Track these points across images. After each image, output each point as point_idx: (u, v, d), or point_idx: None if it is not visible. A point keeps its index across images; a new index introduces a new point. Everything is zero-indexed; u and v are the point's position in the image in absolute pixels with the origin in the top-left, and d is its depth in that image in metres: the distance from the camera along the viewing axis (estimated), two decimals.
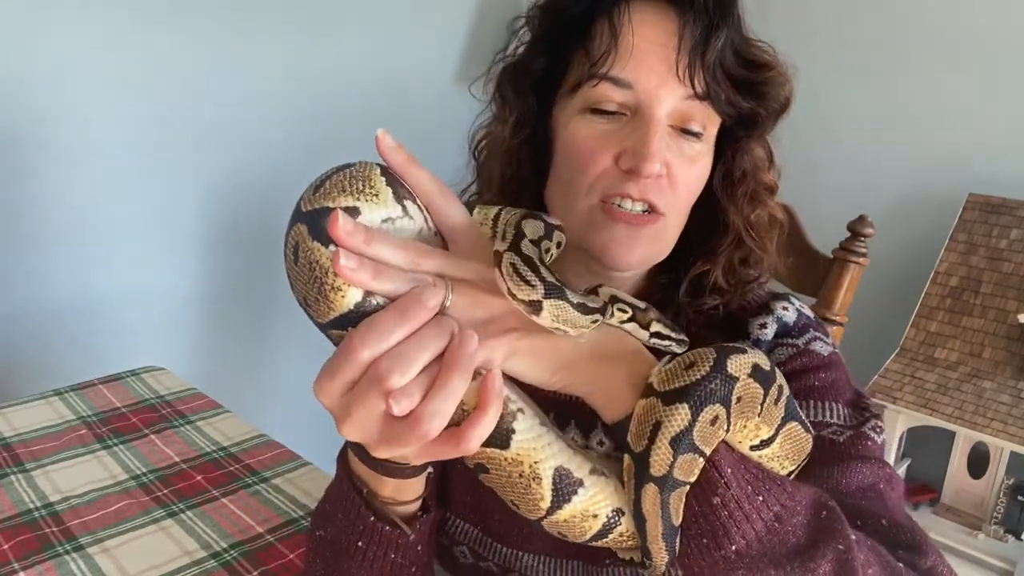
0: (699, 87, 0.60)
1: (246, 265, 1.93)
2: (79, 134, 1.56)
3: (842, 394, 0.64)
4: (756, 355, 0.43)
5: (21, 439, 1.06)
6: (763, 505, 0.42)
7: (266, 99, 1.84)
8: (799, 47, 2.20)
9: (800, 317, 0.68)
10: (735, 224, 0.67)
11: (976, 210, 1.72)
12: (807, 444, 0.46)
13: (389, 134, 0.45)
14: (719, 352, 0.42)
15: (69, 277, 1.62)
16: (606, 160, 0.61)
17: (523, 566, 0.69)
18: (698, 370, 0.41)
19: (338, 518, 0.56)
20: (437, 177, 0.46)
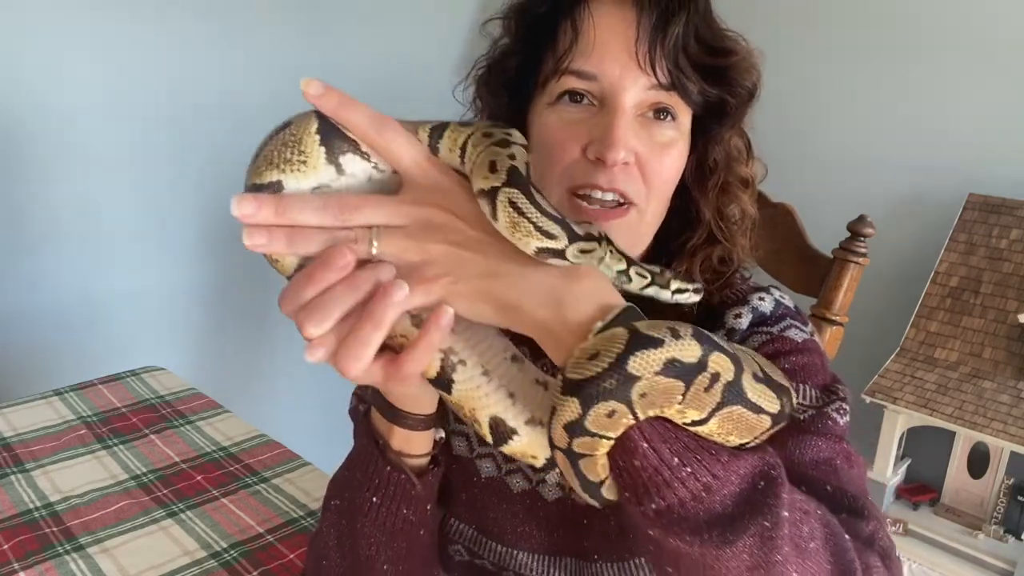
0: (663, 76, 0.61)
1: (246, 265, 1.93)
2: (79, 134, 1.56)
3: (813, 377, 0.64)
4: (677, 347, 0.39)
5: (21, 439, 1.06)
6: (690, 476, 0.41)
7: (266, 99, 1.84)
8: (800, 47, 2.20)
9: (777, 307, 0.69)
10: (706, 217, 0.68)
11: (976, 210, 1.72)
12: (760, 424, 0.43)
13: (315, 80, 0.43)
14: (627, 345, 0.39)
15: (69, 277, 1.62)
16: (575, 150, 0.62)
17: (517, 564, 0.70)
18: (598, 364, 0.39)
19: (356, 477, 0.59)
20: (377, 113, 0.44)
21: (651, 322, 0.41)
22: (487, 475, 0.70)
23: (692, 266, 0.68)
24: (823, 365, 0.66)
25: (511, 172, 0.42)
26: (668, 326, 0.40)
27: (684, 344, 0.40)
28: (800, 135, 2.06)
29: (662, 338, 0.39)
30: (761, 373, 0.43)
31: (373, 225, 0.44)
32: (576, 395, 0.40)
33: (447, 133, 0.46)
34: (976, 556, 1.54)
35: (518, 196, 0.42)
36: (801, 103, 2.05)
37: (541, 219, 0.42)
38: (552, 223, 0.42)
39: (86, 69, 1.54)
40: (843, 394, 0.64)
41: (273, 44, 1.81)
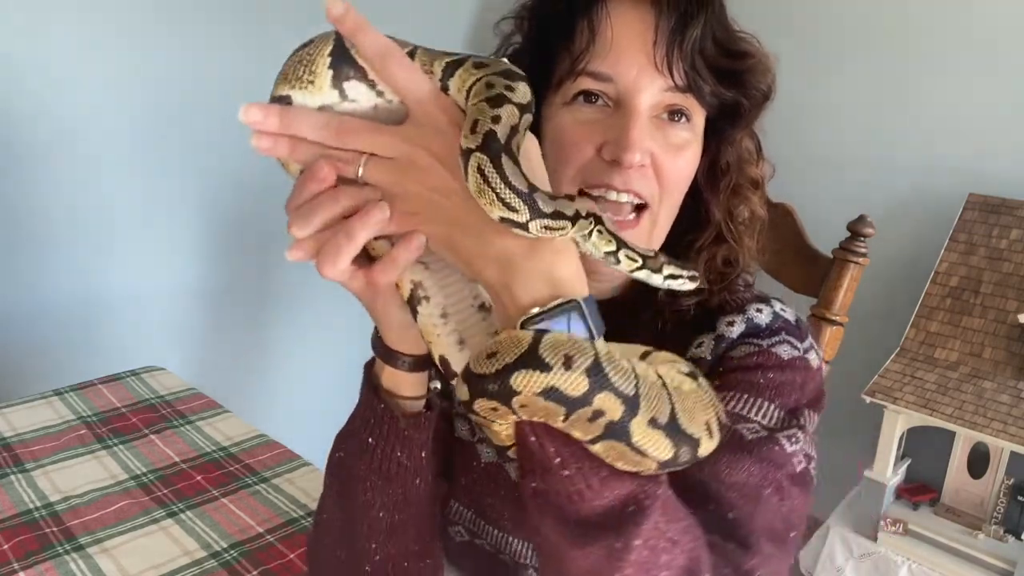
0: (679, 78, 0.61)
1: (246, 265, 1.93)
2: (78, 135, 1.56)
3: (782, 397, 0.63)
4: (562, 378, 0.40)
5: (21, 439, 1.06)
6: (567, 479, 0.43)
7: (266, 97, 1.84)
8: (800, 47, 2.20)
9: (775, 320, 0.67)
10: (715, 218, 0.68)
11: (976, 210, 1.72)
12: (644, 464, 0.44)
13: (340, 1, 0.46)
14: (516, 360, 0.41)
15: (69, 277, 1.62)
16: (589, 150, 0.62)
17: (512, 551, 0.70)
18: (490, 365, 0.41)
19: (355, 423, 0.61)
20: (391, 43, 0.45)
21: (565, 340, 0.42)
22: (487, 460, 0.71)
23: (697, 265, 0.68)
24: (804, 385, 0.64)
25: (487, 136, 0.42)
26: (570, 353, 0.41)
27: (571, 377, 0.40)
28: (800, 135, 2.06)
29: (551, 364, 0.40)
30: (667, 419, 0.43)
31: (364, 152, 0.46)
32: (467, 383, 0.43)
33: (459, 72, 0.46)
34: (976, 556, 1.54)
35: (486, 163, 0.42)
36: (801, 103, 2.05)
37: (504, 191, 0.42)
38: (515, 196, 0.42)
39: (86, 69, 1.54)
40: (804, 422, 0.63)
41: (275, 45, 1.81)
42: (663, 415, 0.43)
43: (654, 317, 0.68)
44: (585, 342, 0.42)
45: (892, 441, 1.62)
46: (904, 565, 1.61)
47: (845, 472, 1.87)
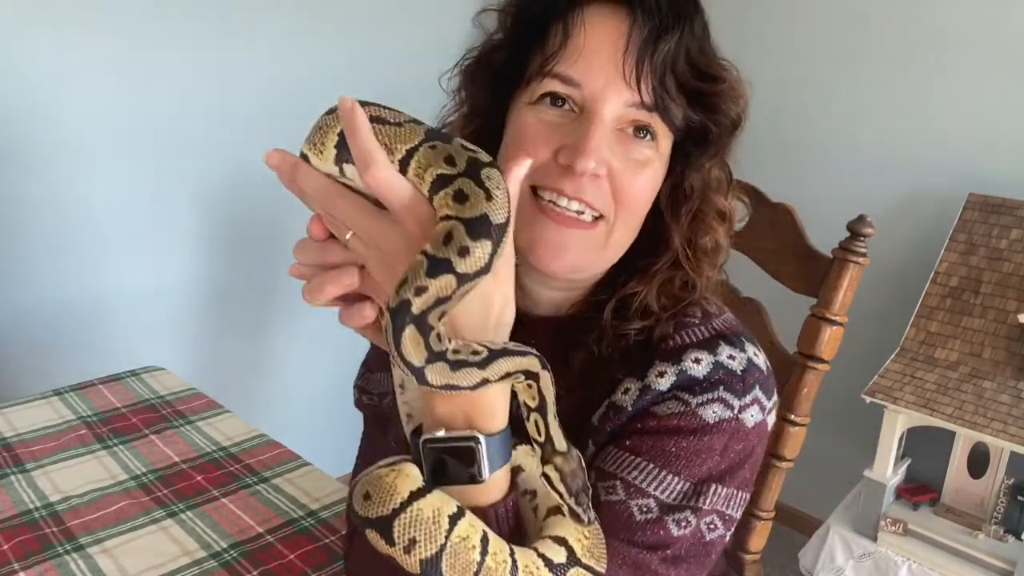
0: (646, 95, 0.59)
1: (246, 265, 1.93)
2: (77, 135, 1.56)
3: (692, 467, 0.60)
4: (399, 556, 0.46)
5: (21, 439, 1.06)
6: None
7: (265, 99, 1.84)
8: (799, 47, 2.20)
9: (714, 372, 0.62)
10: (674, 244, 0.65)
11: (976, 210, 1.72)
12: None
13: (348, 99, 0.47)
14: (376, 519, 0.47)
15: (69, 277, 1.63)
16: (545, 152, 0.60)
17: None
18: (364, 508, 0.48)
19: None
20: (374, 149, 0.46)
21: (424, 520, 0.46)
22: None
23: (650, 289, 0.65)
24: (725, 450, 0.61)
25: (400, 305, 0.44)
26: (416, 538, 0.46)
27: (407, 559, 0.46)
28: (800, 135, 2.06)
29: (396, 541, 0.46)
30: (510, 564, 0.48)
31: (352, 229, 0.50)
32: (354, 514, 0.48)
33: (439, 195, 0.47)
34: (976, 556, 1.54)
35: (389, 328, 0.45)
36: (801, 103, 2.05)
37: (397, 359, 0.45)
38: (404, 366, 0.45)
39: (85, 69, 1.54)
40: (703, 502, 0.60)
41: (275, 45, 1.81)
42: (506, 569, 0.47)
43: (597, 339, 0.65)
44: (443, 525, 0.46)
45: (892, 441, 1.62)
46: (904, 565, 1.61)
47: (845, 472, 1.87)
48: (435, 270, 0.44)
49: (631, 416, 0.62)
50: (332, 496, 0.96)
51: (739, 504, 0.63)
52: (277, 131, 1.91)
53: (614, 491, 0.59)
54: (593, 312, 0.66)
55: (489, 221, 0.45)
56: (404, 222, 0.47)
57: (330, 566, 0.83)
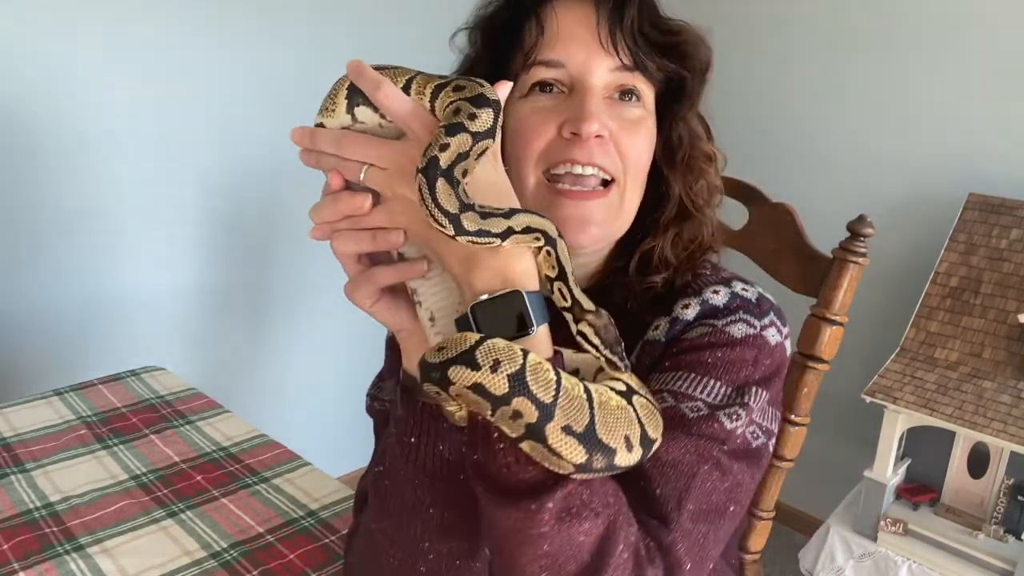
0: (625, 57, 0.67)
1: (246, 265, 1.93)
2: (77, 136, 1.56)
3: (730, 374, 0.66)
4: (488, 377, 0.48)
5: (21, 439, 1.06)
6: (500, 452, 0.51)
7: (266, 99, 1.84)
8: (799, 47, 2.19)
9: (732, 300, 0.70)
10: (675, 191, 0.72)
11: (976, 210, 1.72)
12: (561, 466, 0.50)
13: (354, 60, 0.56)
14: (456, 356, 0.49)
15: (69, 278, 1.63)
16: (550, 131, 0.67)
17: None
18: (438, 356, 0.49)
19: (393, 433, 0.64)
20: (381, 77, 0.55)
21: (501, 347, 0.49)
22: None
23: (665, 240, 0.72)
24: (756, 361, 0.67)
25: (429, 161, 0.51)
26: (499, 358, 0.48)
27: (495, 378, 0.48)
28: (800, 135, 2.06)
29: (481, 365, 0.48)
30: (582, 429, 0.49)
31: (363, 161, 0.56)
32: (419, 368, 0.51)
33: (442, 94, 0.56)
34: (976, 556, 1.54)
35: (423, 184, 0.51)
36: (801, 103, 2.05)
37: (434, 209, 0.51)
38: (441, 215, 0.51)
39: (86, 72, 1.54)
40: (749, 399, 0.65)
41: (275, 45, 1.81)
42: (579, 424, 0.49)
43: (624, 297, 0.72)
44: (518, 352, 0.49)
45: (892, 441, 1.62)
46: (904, 565, 1.61)
47: (845, 472, 1.87)
48: (452, 131, 0.51)
49: (665, 345, 0.69)
50: (332, 496, 0.96)
51: (774, 418, 0.69)
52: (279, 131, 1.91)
53: (663, 401, 0.64)
54: (616, 276, 0.73)
55: (487, 96, 0.54)
56: (413, 131, 0.54)
57: (330, 566, 0.83)
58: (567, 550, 0.51)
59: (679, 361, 0.67)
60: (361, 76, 0.55)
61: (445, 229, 0.51)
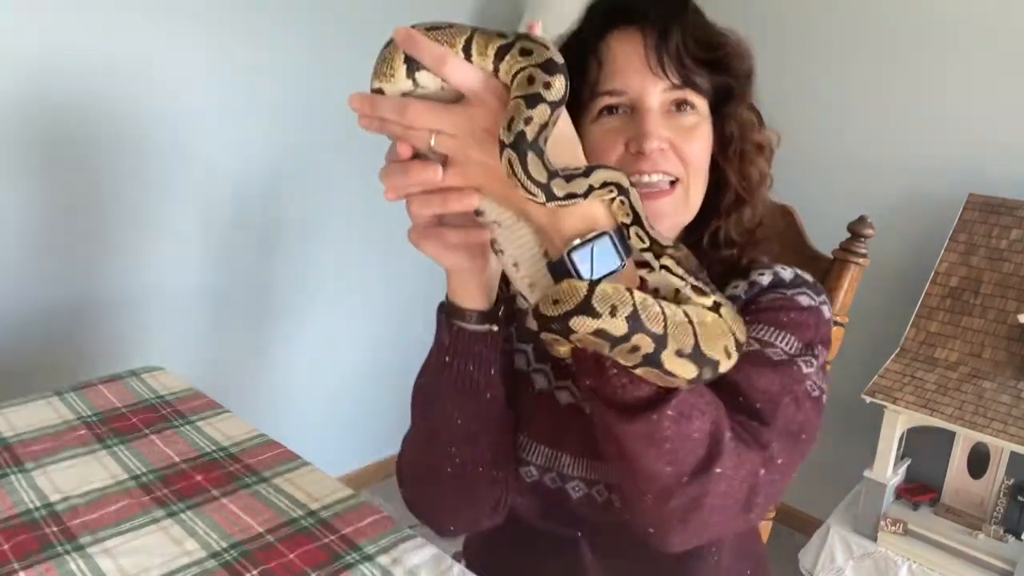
0: (674, 77, 0.76)
1: (247, 265, 1.93)
2: (76, 134, 1.56)
3: (800, 332, 0.78)
4: (608, 323, 0.55)
5: (21, 439, 1.06)
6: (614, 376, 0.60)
7: (267, 99, 1.84)
8: (800, 47, 2.19)
9: (797, 278, 0.84)
10: (731, 180, 0.82)
11: (976, 210, 1.72)
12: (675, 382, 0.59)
13: (401, 28, 0.58)
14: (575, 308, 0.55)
15: (69, 277, 1.63)
16: (619, 148, 0.76)
17: (560, 464, 0.86)
18: (555, 309, 0.56)
19: (434, 351, 0.76)
20: (441, 48, 0.56)
21: (611, 293, 0.55)
22: (539, 388, 0.87)
23: (728, 222, 0.83)
24: (816, 326, 0.79)
25: (517, 136, 0.54)
26: (615, 303, 0.55)
27: (615, 322, 0.55)
28: (800, 135, 2.06)
29: (601, 313, 0.55)
30: (690, 349, 0.57)
31: (429, 128, 0.58)
32: (537, 319, 0.57)
33: (507, 57, 0.57)
34: (976, 556, 1.54)
35: (514, 159, 0.54)
36: (801, 103, 2.05)
37: (526, 181, 0.55)
38: (533, 185, 0.55)
39: (84, 69, 1.54)
40: (817, 353, 0.78)
41: (276, 45, 1.81)
42: (687, 346, 0.57)
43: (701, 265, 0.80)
44: (626, 293, 0.56)
45: (892, 441, 1.62)
46: (904, 565, 1.61)
47: (845, 472, 1.87)
48: (532, 103, 0.55)
49: (745, 302, 0.81)
50: (332, 496, 0.96)
51: (826, 381, 0.79)
52: (279, 131, 1.92)
53: (749, 346, 0.73)
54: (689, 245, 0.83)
55: (555, 62, 0.56)
56: (484, 99, 0.57)
57: (330, 566, 0.83)
58: (685, 445, 0.62)
59: (759, 317, 0.77)
60: (417, 47, 0.57)
61: (536, 198, 0.56)
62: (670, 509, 0.64)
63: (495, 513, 0.85)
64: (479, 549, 1.00)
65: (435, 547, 0.86)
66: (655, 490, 0.64)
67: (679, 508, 0.64)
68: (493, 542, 0.95)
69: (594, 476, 0.85)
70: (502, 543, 0.93)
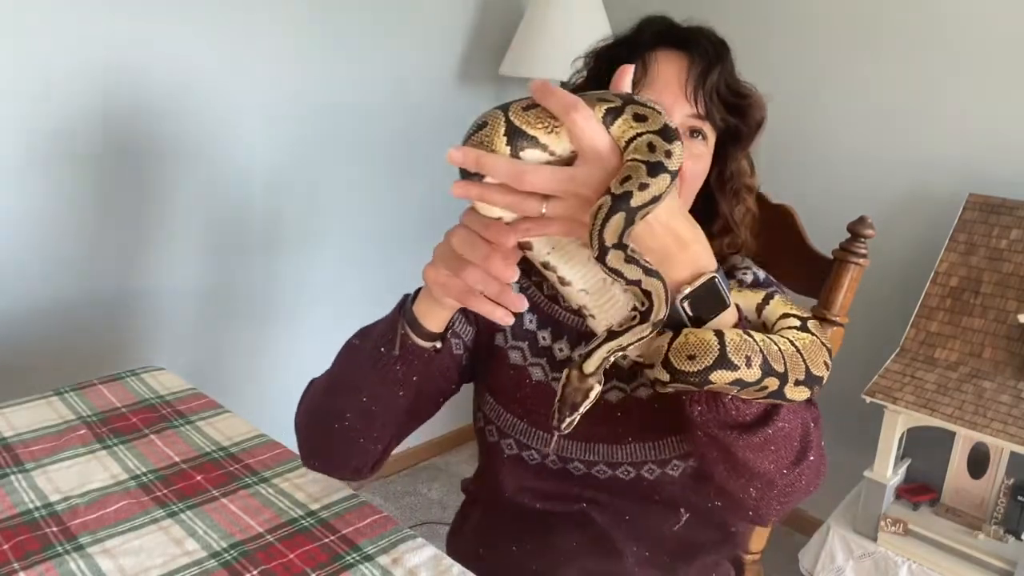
0: (700, 108, 0.84)
1: (247, 265, 1.93)
2: (76, 134, 1.56)
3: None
4: (746, 372, 0.61)
5: (21, 439, 1.06)
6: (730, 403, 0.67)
7: (267, 100, 1.84)
8: (798, 46, 2.19)
9: (767, 278, 0.94)
10: (723, 211, 0.92)
11: (976, 210, 1.72)
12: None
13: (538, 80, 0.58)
14: (713, 363, 0.60)
15: (69, 277, 1.63)
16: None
17: (559, 447, 0.92)
18: (692, 365, 0.61)
19: (379, 330, 0.81)
20: (571, 98, 0.56)
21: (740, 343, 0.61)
22: (536, 379, 0.92)
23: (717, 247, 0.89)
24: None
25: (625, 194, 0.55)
26: (748, 355, 0.61)
27: (750, 371, 0.61)
28: (800, 135, 2.06)
29: (738, 365, 0.60)
30: (803, 376, 0.64)
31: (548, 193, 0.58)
32: (670, 373, 0.62)
33: (619, 121, 0.58)
34: (976, 556, 1.54)
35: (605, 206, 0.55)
36: (801, 103, 2.05)
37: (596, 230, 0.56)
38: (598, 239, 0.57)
39: (84, 68, 1.54)
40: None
41: (276, 46, 1.81)
42: (802, 375, 0.64)
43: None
44: (751, 341, 0.62)
45: (892, 441, 1.62)
46: (904, 565, 1.61)
47: (845, 472, 1.87)
48: (654, 171, 0.56)
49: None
50: (332, 496, 0.96)
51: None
52: (280, 131, 1.92)
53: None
54: None
55: (670, 128, 0.58)
56: (608, 159, 0.57)
57: (330, 566, 0.83)
58: (786, 443, 0.71)
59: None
60: (551, 97, 0.57)
61: (591, 247, 0.57)
62: (772, 495, 0.75)
63: (363, 471, 0.91)
64: (482, 535, 1.04)
65: (435, 547, 0.86)
66: (760, 484, 0.73)
67: (779, 493, 0.74)
68: (495, 527, 1.01)
69: (594, 457, 0.91)
70: (506, 527, 0.99)
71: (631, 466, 0.90)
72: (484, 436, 1.00)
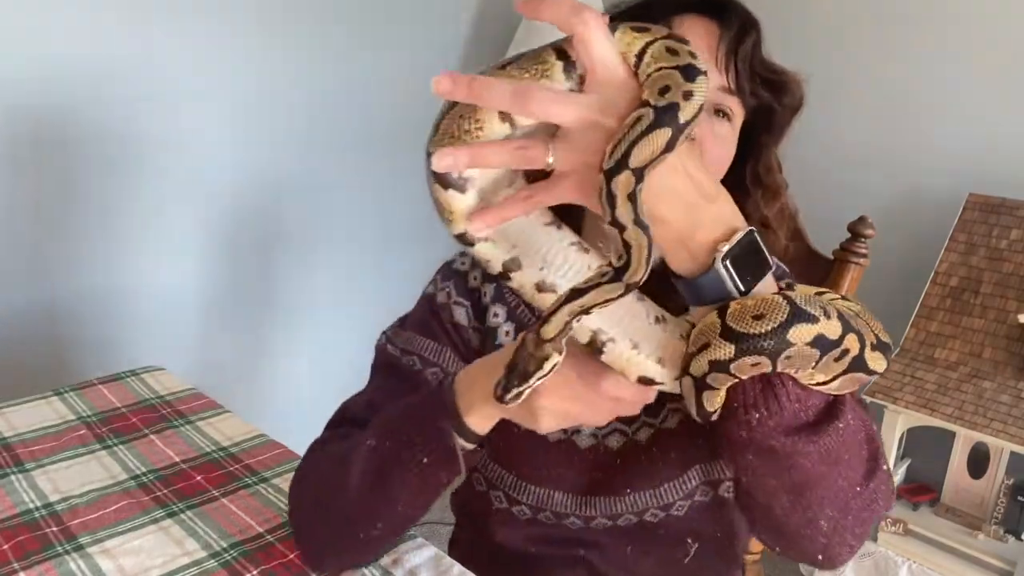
0: (731, 80, 0.73)
1: (246, 265, 1.93)
2: (75, 133, 1.56)
3: None
4: (827, 325, 0.49)
5: (21, 439, 1.06)
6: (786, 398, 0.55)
7: (267, 100, 1.84)
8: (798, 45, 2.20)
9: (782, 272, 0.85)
10: (756, 214, 0.81)
11: (976, 210, 1.72)
12: (868, 379, 0.55)
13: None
14: (788, 316, 0.48)
15: (69, 277, 1.62)
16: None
17: (553, 503, 0.84)
18: (763, 325, 0.48)
19: (412, 433, 0.68)
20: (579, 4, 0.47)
21: (808, 296, 0.50)
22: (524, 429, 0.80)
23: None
24: None
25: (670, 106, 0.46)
26: (823, 305, 0.50)
27: (832, 323, 0.49)
28: (800, 136, 2.06)
29: (817, 316, 0.49)
30: (876, 340, 0.53)
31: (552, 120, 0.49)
32: (735, 343, 0.49)
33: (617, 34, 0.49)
34: (976, 556, 1.54)
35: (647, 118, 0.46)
36: None
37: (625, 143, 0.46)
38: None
39: (84, 67, 1.54)
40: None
41: (277, 47, 1.81)
42: (873, 338, 0.53)
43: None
44: (813, 295, 0.51)
45: (892, 441, 1.62)
46: (904, 565, 1.61)
47: None
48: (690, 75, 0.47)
49: None
50: None
51: None
52: (280, 131, 1.92)
53: None
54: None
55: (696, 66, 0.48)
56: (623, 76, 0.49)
57: None
58: (856, 450, 0.60)
59: None
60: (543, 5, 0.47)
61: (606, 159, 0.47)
62: (847, 525, 0.62)
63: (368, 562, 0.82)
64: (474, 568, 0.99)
65: (435, 547, 0.86)
66: (833, 511, 0.61)
67: (854, 521, 0.62)
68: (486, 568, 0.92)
69: (592, 512, 0.83)
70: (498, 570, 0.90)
71: (633, 515, 0.83)
72: (471, 484, 0.92)
